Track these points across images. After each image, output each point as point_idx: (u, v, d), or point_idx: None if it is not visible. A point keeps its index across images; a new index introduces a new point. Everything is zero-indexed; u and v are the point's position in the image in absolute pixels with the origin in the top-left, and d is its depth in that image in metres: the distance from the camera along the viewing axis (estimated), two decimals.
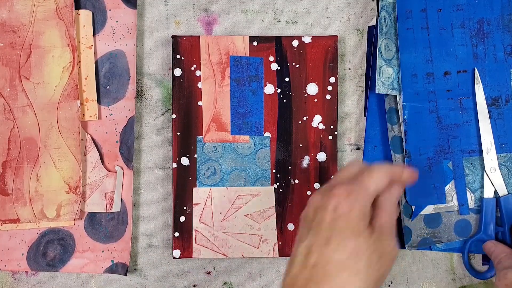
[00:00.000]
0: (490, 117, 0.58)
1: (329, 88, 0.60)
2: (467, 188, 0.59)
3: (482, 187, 0.59)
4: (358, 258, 0.40)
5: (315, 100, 0.60)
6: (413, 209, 0.58)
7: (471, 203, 0.59)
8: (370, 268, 0.40)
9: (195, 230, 0.60)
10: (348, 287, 0.40)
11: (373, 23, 0.60)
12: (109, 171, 0.60)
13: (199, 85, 0.60)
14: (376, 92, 0.57)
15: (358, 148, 0.62)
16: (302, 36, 0.60)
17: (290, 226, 0.60)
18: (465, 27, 0.58)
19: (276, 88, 0.61)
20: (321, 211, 0.42)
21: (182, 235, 0.60)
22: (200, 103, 0.60)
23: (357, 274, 0.40)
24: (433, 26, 0.58)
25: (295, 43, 0.60)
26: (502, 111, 0.58)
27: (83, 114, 0.60)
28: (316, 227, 0.41)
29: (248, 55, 0.60)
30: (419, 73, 0.58)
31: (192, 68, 0.60)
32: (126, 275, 0.59)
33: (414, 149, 0.58)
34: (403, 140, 0.58)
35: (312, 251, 0.41)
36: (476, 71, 0.58)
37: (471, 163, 0.59)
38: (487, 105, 0.58)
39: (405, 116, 0.57)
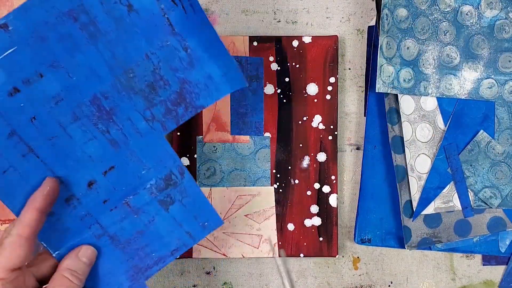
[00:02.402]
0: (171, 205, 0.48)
1: (329, 88, 0.60)
2: (468, 190, 0.59)
3: (484, 187, 0.59)
4: None
5: (315, 100, 0.60)
6: (414, 209, 0.58)
7: (473, 204, 0.59)
8: None
9: None
10: None
11: (373, 23, 0.60)
12: None
13: None
14: (377, 91, 0.56)
15: (358, 148, 0.61)
16: (302, 36, 0.60)
17: (290, 226, 0.60)
18: (79, 117, 0.44)
19: (276, 88, 0.61)
20: None
21: None
22: None
23: None
24: (37, 139, 0.43)
25: (295, 43, 0.60)
26: (182, 188, 0.47)
27: None
28: None
29: (248, 55, 0.60)
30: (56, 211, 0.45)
31: None
32: None
33: None
34: None
35: None
36: None
37: (471, 165, 0.59)
38: (160, 189, 0.47)
39: None
